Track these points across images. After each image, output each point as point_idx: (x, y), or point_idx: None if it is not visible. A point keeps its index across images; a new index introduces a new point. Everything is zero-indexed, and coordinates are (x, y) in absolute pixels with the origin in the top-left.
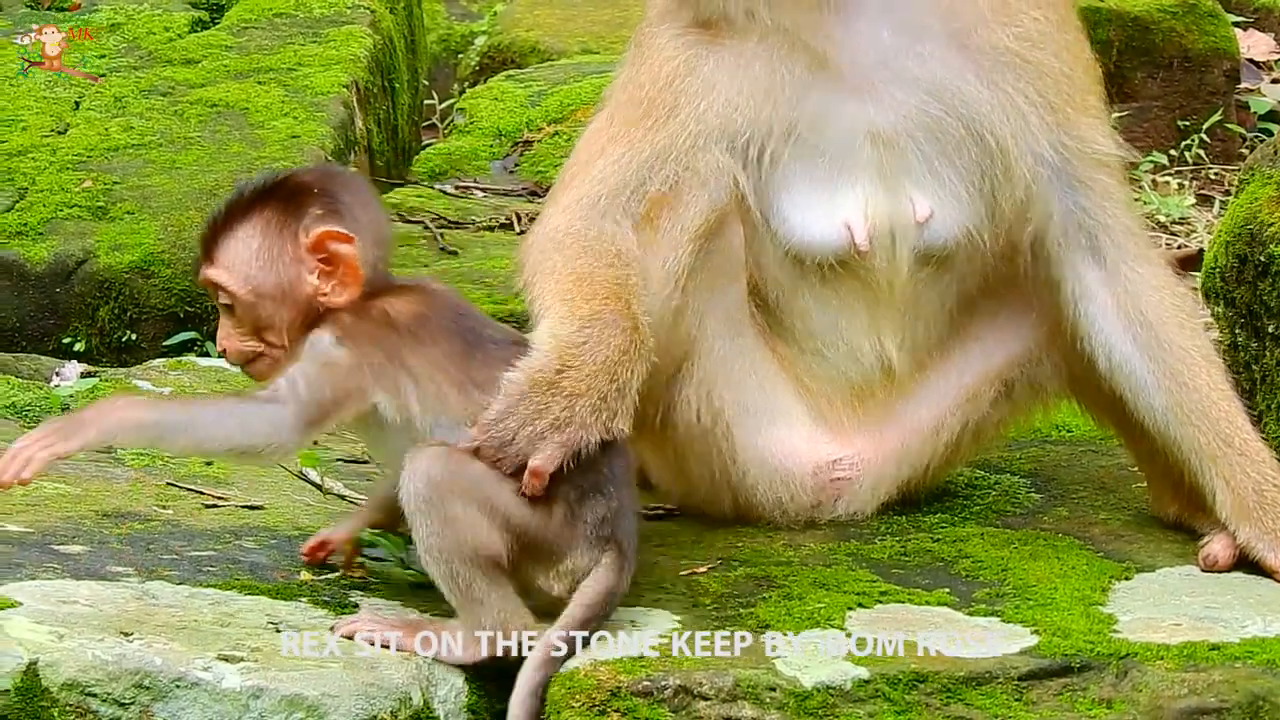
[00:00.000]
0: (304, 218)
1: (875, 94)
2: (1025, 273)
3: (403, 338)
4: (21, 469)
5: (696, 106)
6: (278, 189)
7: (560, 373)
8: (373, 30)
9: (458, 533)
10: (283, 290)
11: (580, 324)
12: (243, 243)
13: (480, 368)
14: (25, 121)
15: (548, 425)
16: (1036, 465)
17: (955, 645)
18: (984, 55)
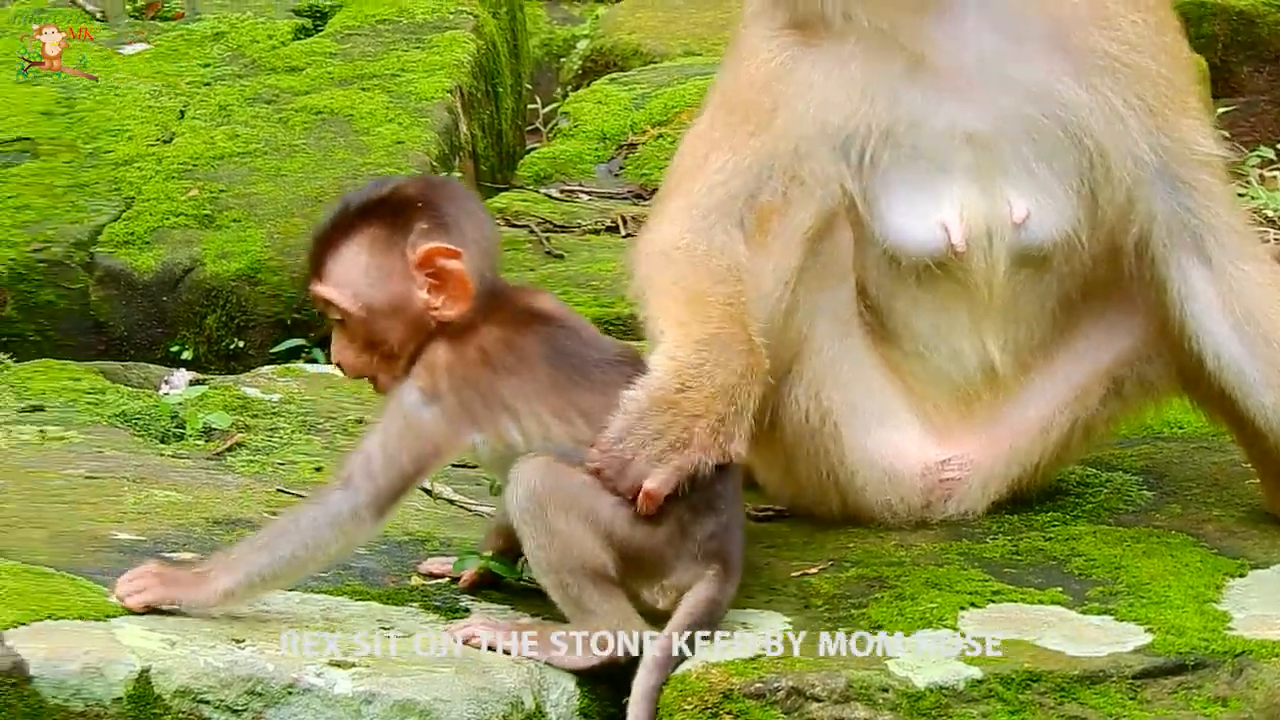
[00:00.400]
0: (410, 233)
1: (972, 95)
2: (1130, 273)
3: (498, 375)
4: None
5: (795, 109)
6: (382, 204)
7: (679, 393)
8: (476, 35)
9: (563, 545)
10: (394, 306)
11: (697, 345)
12: (350, 260)
13: (585, 394)
14: (131, 131)
15: (666, 447)
16: (1149, 462)
17: (1068, 644)
18: (1082, 58)
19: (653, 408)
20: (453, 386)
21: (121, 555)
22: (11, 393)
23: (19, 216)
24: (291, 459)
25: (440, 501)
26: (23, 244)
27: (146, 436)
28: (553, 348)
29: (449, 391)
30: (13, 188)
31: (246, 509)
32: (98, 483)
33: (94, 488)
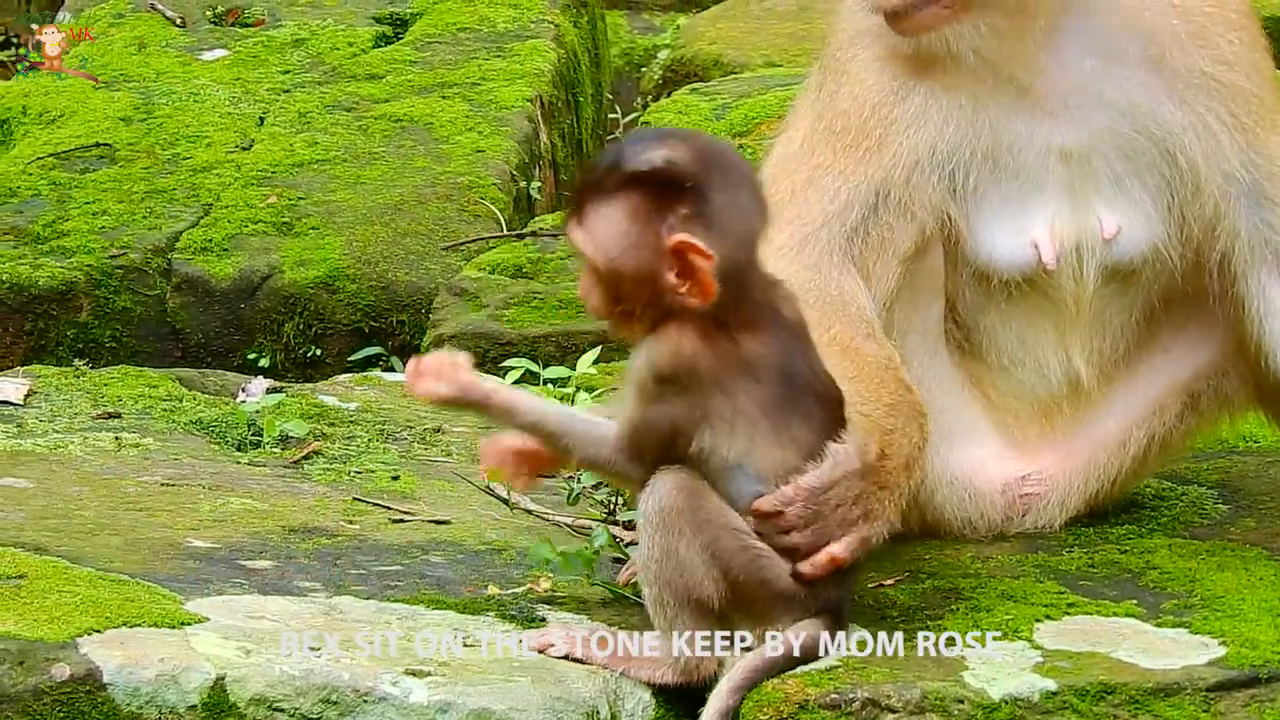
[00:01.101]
0: (670, 216)
1: (1069, 115)
2: (1211, 288)
3: (733, 378)
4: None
5: (908, 137)
6: (654, 176)
7: (879, 460)
8: (556, 44)
9: (676, 566)
10: (640, 277)
11: (887, 410)
12: (609, 219)
13: (798, 423)
14: (210, 138)
15: (860, 514)
16: (1224, 476)
17: (1143, 656)
18: (1178, 78)
19: (858, 470)
20: (689, 376)
21: (197, 563)
22: (88, 399)
23: (96, 223)
24: (368, 468)
25: (518, 511)
26: (100, 250)
27: (223, 444)
28: (786, 364)
29: (684, 379)
30: (90, 193)
31: (323, 517)
32: (173, 490)
33: (170, 495)
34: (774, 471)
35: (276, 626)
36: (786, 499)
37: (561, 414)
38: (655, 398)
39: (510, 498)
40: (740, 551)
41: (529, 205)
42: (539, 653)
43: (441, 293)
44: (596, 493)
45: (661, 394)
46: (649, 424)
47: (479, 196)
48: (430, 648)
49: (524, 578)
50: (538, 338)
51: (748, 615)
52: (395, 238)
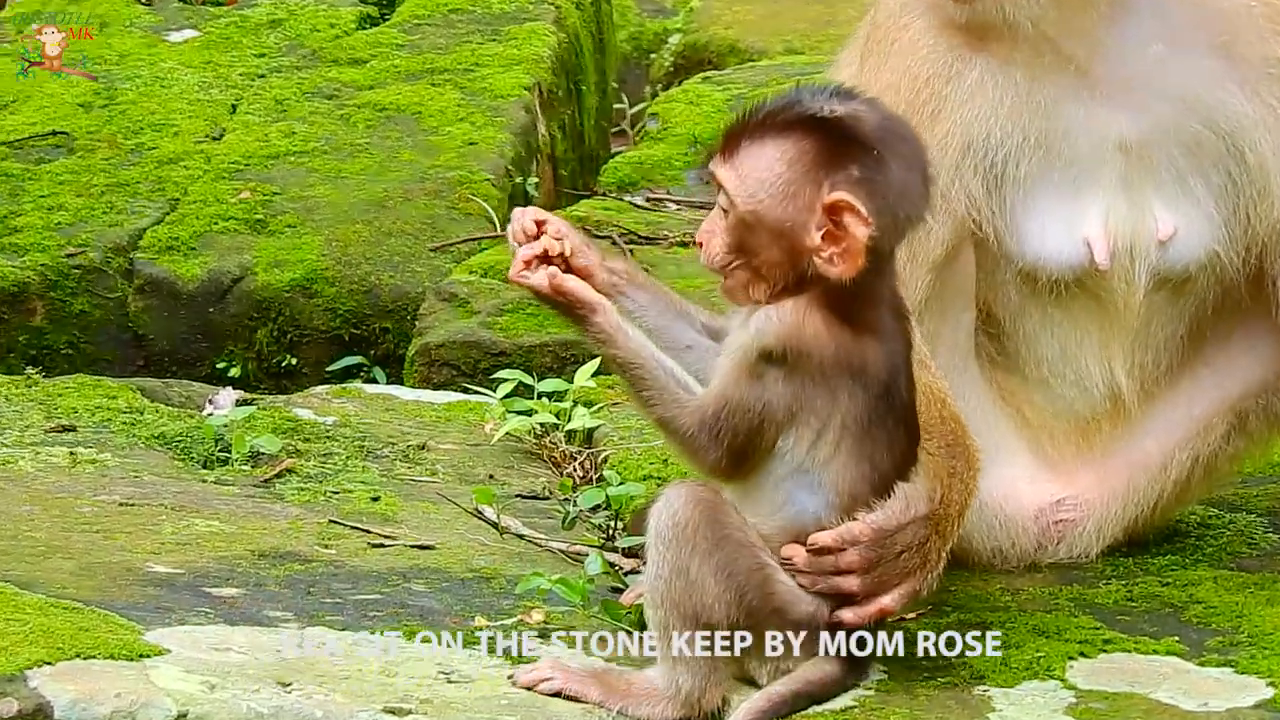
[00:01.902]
0: (839, 171)
1: (1130, 102)
2: (1274, 297)
3: (846, 376)
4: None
5: (961, 115)
6: (833, 124)
7: (940, 506)
8: (557, 28)
9: (686, 587)
10: (781, 229)
11: (946, 450)
12: (767, 160)
13: (882, 448)
14: (177, 126)
15: (918, 563)
16: (1275, 503)
17: (1184, 698)
18: (1251, 67)
19: (924, 515)
20: (801, 360)
21: (157, 590)
22: (40, 410)
23: (52, 218)
24: (346, 487)
25: (508, 536)
26: (55, 248)
27: (187, 461)
28: (892, 380)
29: (795, 362)
30: (45, 186)
31: (296, 541)
32: (133, 510)
33: (129, 516)
34: (847, 490)
35: (244, 659)
36: (852, 537)
37: (658, 360)
38: (755, 376)
39: (500, 521)
40: (754, 576)
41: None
42: (529, 690)
43: (429, 298)
44: (594, 517)
45: (763, 373)
46: (741, 403)
47: (471, 193)
48: (412, 684)
49: (514, 608)
50: (533, 347)
51: (755, 645)
52: (379, 237)
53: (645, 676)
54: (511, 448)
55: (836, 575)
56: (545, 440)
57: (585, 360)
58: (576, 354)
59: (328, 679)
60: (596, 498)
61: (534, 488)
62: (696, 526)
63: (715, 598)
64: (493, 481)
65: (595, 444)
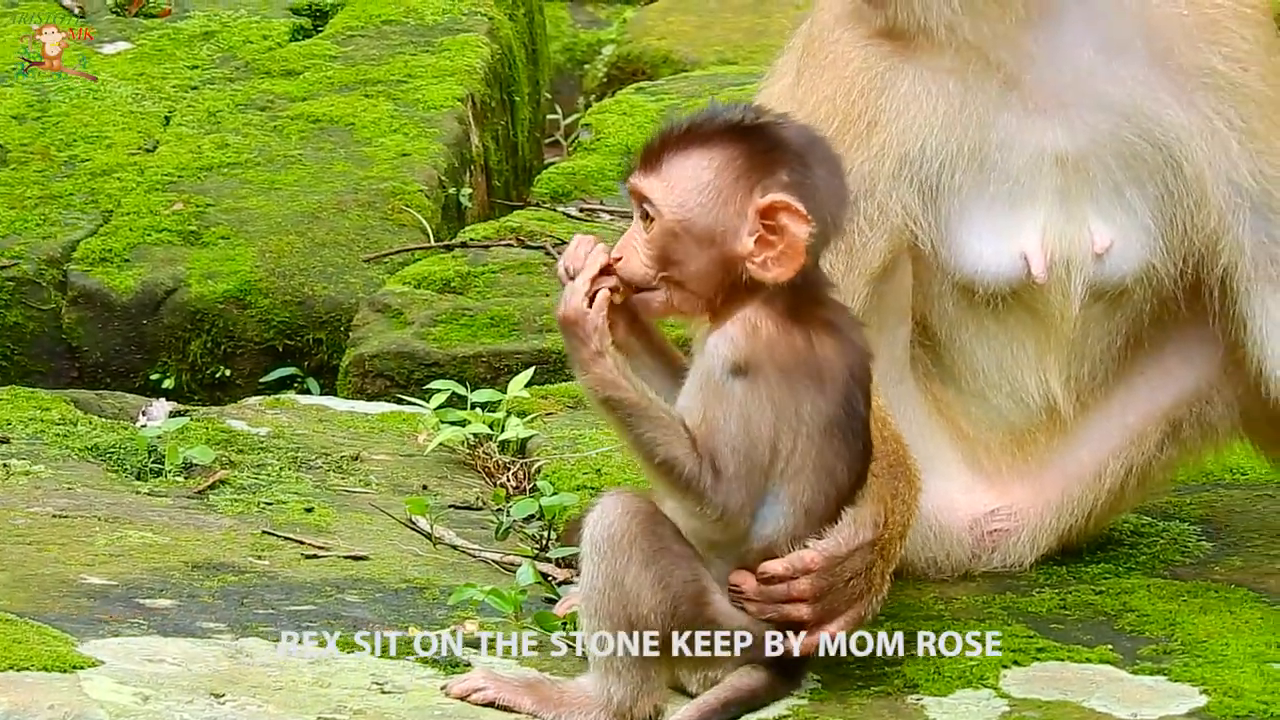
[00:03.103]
0: (769, 176)
1: (1065, 115)
2: (1210, 306)
3: (806, 380)
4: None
5: (897, 126)
6: (757, 132)
7: (884, 529)
8: (490, 39)
9: (620, 598)
10: (712, 236)
11: (889, 472)
12: (695, 168)
13: (842, 461)
14: (111, 138)
15: (865, 588)
16: (1208, 511)
17: (1118, 706)
18: (1186, 76)
19: (870, 540)
20: (764, 367)
21: (91, 602)
22: None
23: None
24: (279, 498)
25: (442, 546)
26: None
27: (121, 472)
28: (850, 385)
29: (765, 368)
30: None
31: (229, 552)
32: (66, 522)
33: (62, 527)
34: (804, 504)
35: (178, 671)
36: (803, 565)
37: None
38: (729, 397)
39: (433, 532)
40: (688, 586)
41: (459, 214)
42: (462, 700)
43: (362, 308)
44: (527, 527)
45: (734, 392)
46: (725, 428)
47: (404, 204)
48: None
49: (447, 619)
50: (467, 358)
51: (689, 657)
52: (312, 248)
53: (578, 685)
54: (445, 458)
55: (786, 603)
56: (479, 451)
57: (519, 370)
58: (510, 364)
59: (261, 690)
60: (530, 508)
61: (467, 498)
62: (633, 538)
63: (650, 609)
64: (426, 492)
65: (529, 454)
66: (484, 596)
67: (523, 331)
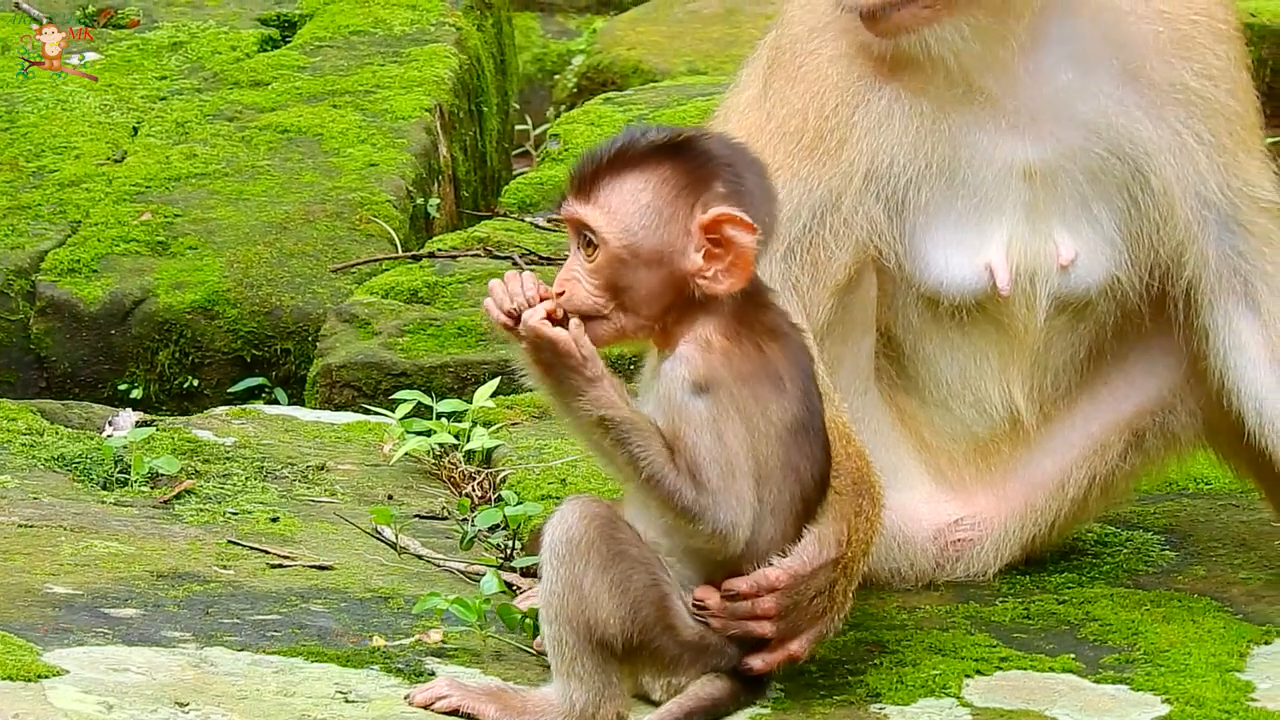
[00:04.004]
0: (706, 191)
1: (1036, 130)
2: (1175, 318)
3: (766, 384)
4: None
5: (868, 143)
6: (685, 149)
7: (846, 547)
8: (458, 49)
9: (579, 602)
10: (660, 258)
11: (853, 487)
12: (632, 193)
13: (806, 462)
14: (79, 149)
15: (827, 605)
16: (1171, 520)
17: (1080, 715)
18: (1157, 92)
19: (834, 559)
20: (730, 377)
21: (56, 611)
22: None
23: None
24: (245, 508)
25: (407, 556)
26: None
27: (87, 482)
28: (807, 385)
29: (726, 381)
30: None
31: (194, 562)
32: (32, 532)
33: (28, 537)
34: (776, 504)
35: (142, 680)
36: (768, 583)
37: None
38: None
39: (398, 542)
40: (649, 592)
41: (426, 224)
42: (426, 709)
43: (330, 319)
44: (492, 536)
45: (700, 412)
46: (700, 445)
47: (372, 214)
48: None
49: (412, 628)
50: (434, 368)
51: (652, 662)
52: (280, 259)
53: (540, 694)
54: (410, 468)
55: (751, 620)
56: (444, 460)
57: (485, 380)
58: (476, 375)
59: (225, 699)
60: (494, 517)
61: (432, 508)
62: (591, 542)
63: (610, 613)
64: (391, 502)
65: (494, 464)
66: (448, 605)
67: (489, 342)
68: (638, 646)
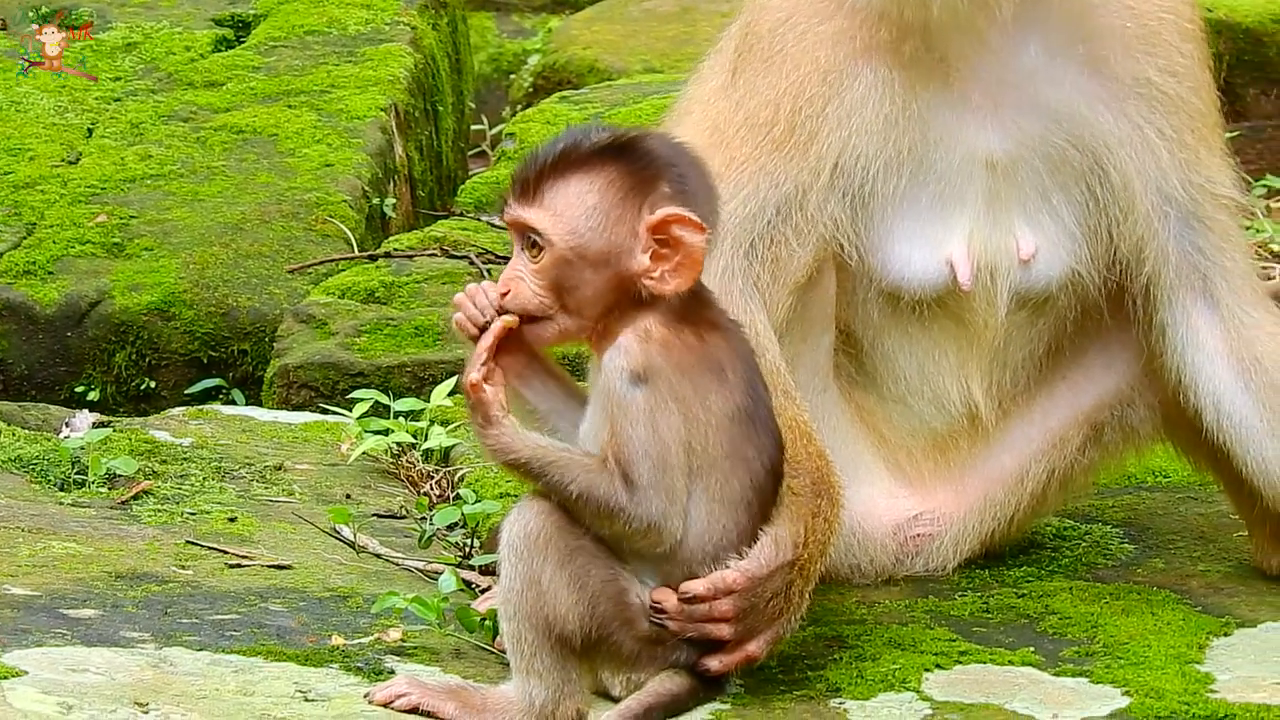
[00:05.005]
0: (652, 192)
1: (999, 116)
2: (1134, 314)
3: (707, 374)
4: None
5: (839, 135)
6: (629, 150)
7: (804, 548)
8: (413, 49)
9: (537, 598)
10: (607, 259)
11: (811, 488)
12: (578, 195)
13: (749, 444)
14: (33, 150)
15: (782, 606)
16: (1130, 514)
17: (1040, 708)
18: (1120, 85)
19: (790, 560)
20: (669, 367)
21: (14, 612)
22: None
23: None
24: (203, 508)
25: (365, 555)
26: None
27: (44, 483)
28: (751, 375)
29: (664, 371)
30: None
31: (153, 562)
32: None
33: None
34: (723, 493)
35: (101, 680)
36: (726, 585)
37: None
38: (633, 410)
39: (356, 541)
40: (606, 587)
41: (382, 224)
42: (385, 707)
43: (287, 319)
44: (450, 535)
45: (638, 403)
46: (635, 439)
47: (328, 214)
48: (269, 703)
49: (371, 627)
50: (391, 368)
51: (611, 658)
52: (236, 260)
53: (500, 691)
54: (368, 467)
55: (708, 623)
56: (402, 460)
57: (442, 380)
58: (434, 374)
59: (185, 699)
60: (453, 516)
61: (391, 507)
62: (549, 537)
63: (568, 608)
64: (349, 501)
65: (452, 463)
66: (407, 604)
67: (446, 341)
68: (596, 642)
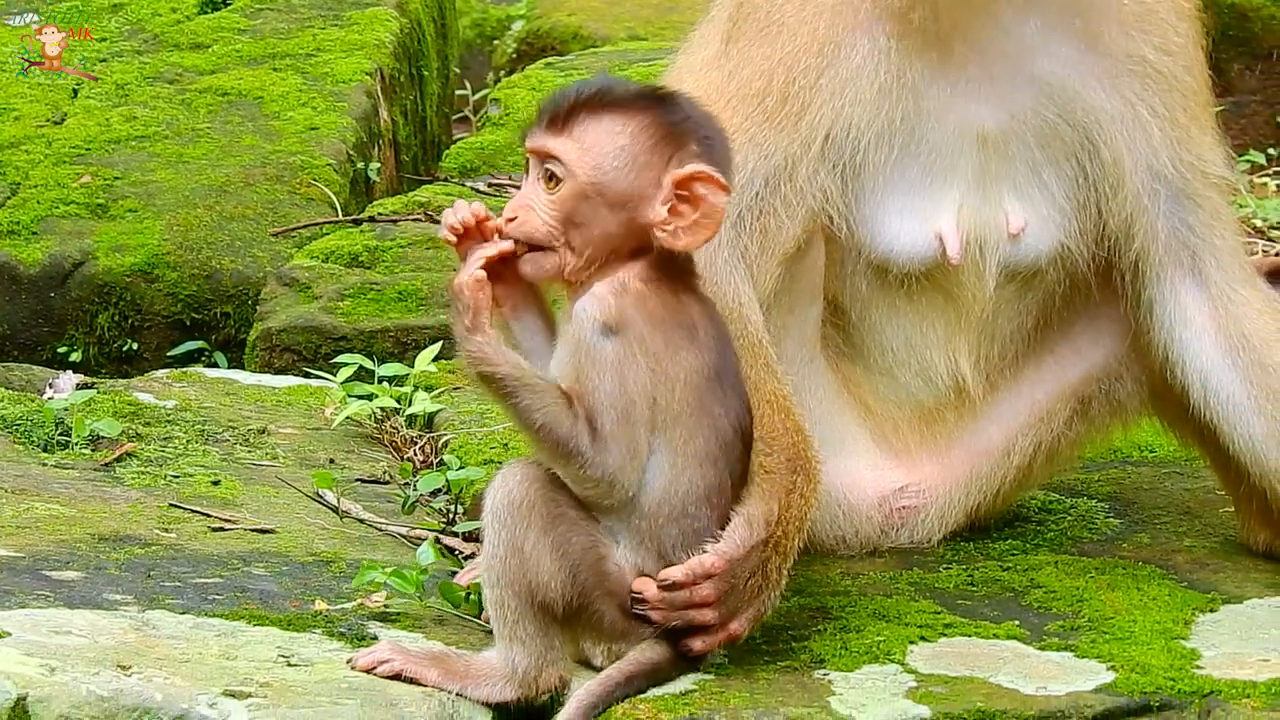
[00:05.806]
0: (682, 147)
1: (993, 88)
2: (1123, 290)
3: (679, 331)
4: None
5: (831, 106)
6: (666, 102)
7: (778, 526)
8: (399, 13)
9: (520, 565)
10: (625, 202)
11: (788, 465)
12: (609, 133)
13: (716, 402)
14: (18, 110)
15: (761, 584)
16: (1116, 488)
17: (1025, 682)
18: (1113, 61)
19: (765, 538)
20: (641, 318)
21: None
22: None
23: None
24: (186, 471)
25: (349, 520)
26: None
27: (27, 444)
28: (721, 338)
29: (636, 323)
30: None
31: (136, 525)
32: None
33: None
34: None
35: (84, 642)
36: (704, 570)
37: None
38: (602, 358)
39: (340, 505)
40: (588, 554)
41: (367, 188)
42: (368, 673)
43: (270, 282)
44: (434, 501)
45: (607, 352)
46: (601, 389)
47: (312, 178)
48: (251, 667)
49: (354, 592)
50: (374, 332)
51: (593, 627)
52: (220, 222)
53: (483, 658)
54: (352, 432)
55: (690, 609)
56: (386, 425)
57: (426, 345)
58: (417, 339)
59: (167, 662)
60: (436, 482)
61: (374, 472)
62: (532, 504)
63: (550, 575)
64: (333, 466)
65: (436, 428)
66: (386, 579)
67: (430, 306)
68: (578, 609)
